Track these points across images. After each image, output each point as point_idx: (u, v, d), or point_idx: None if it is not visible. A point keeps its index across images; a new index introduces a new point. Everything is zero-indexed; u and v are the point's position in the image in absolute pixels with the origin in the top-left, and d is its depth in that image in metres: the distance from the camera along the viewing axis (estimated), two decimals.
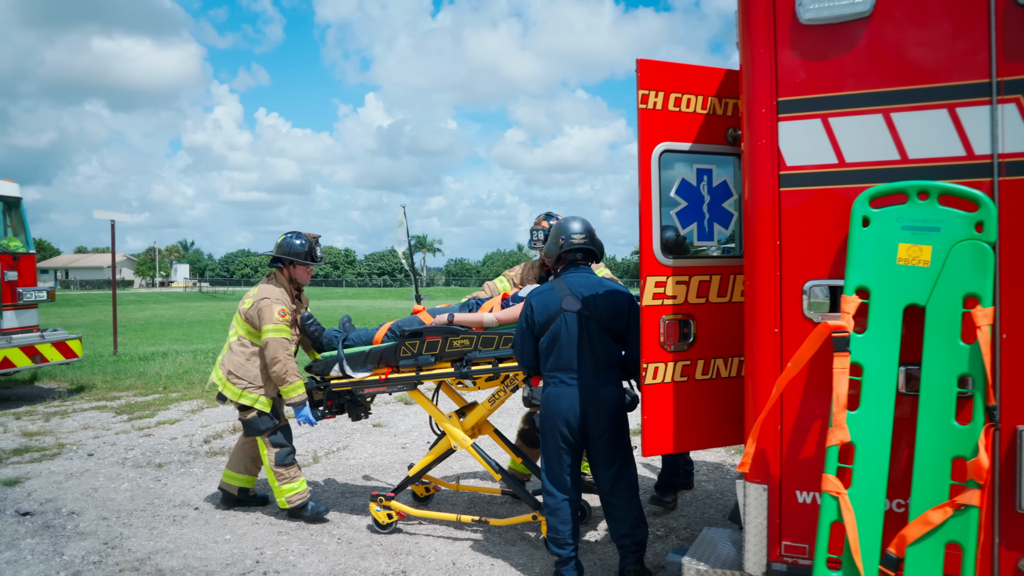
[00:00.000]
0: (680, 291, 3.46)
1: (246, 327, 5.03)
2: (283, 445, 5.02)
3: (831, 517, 2.62)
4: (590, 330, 3.81)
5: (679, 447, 3.50)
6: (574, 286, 3.89)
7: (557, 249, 3.98)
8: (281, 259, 5.10)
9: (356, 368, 4.72)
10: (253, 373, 4.97)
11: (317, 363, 4.87)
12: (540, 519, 4.40)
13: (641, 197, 3.38)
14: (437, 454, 4.84)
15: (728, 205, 3.59)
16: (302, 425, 4.96)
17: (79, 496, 5.59)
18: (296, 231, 5.19)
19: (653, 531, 4.78)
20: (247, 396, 4.94)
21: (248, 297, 5.09)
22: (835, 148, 2.88)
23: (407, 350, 4.60)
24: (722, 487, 5.71)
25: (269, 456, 4.99)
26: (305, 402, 4.88)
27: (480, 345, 4.51)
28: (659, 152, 3.41)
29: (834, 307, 2.87)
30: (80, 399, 9.69)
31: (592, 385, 3.79)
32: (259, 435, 5.00)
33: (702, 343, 3.51)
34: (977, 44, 2.66)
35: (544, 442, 3.92)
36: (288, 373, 4.84)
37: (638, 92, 3.37)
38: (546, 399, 3.87)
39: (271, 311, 4.88)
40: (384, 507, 4.75)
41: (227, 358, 5.06)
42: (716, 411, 3.57)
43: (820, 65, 2.90)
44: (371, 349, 4.71)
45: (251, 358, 5.00)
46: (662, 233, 3.41)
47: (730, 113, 3.57)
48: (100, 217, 13.08)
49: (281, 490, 4.97)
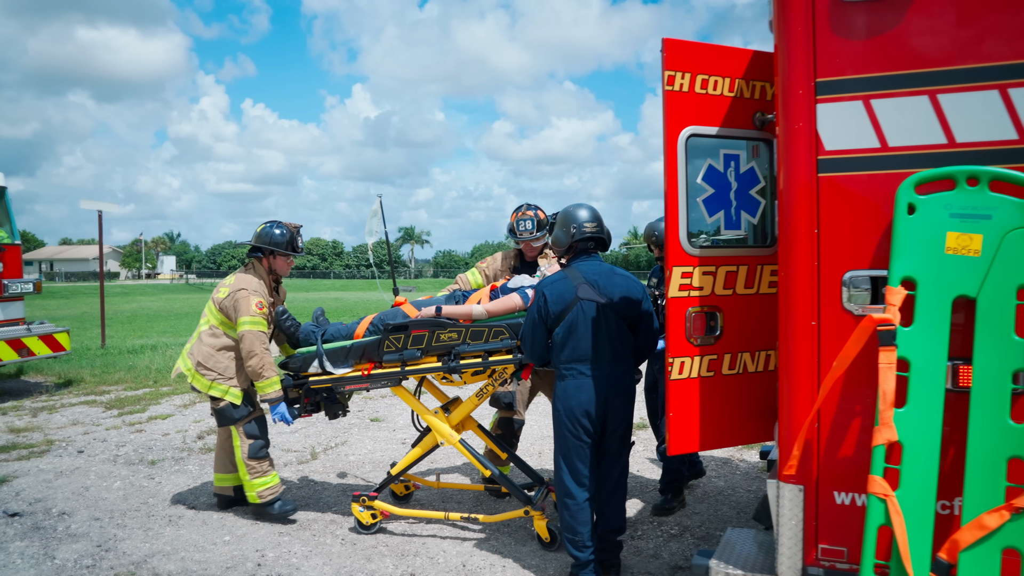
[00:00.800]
0: (707, 282, 3.31)
1: (219, 317, 4.79)
2: (257, 437, 4.81)
3: (878, 521, 2.49)
4: (608, 319, 3.72)
5: (705, 445, 3.36)
6: (588, 274, 3.79)
7: (568, 238, 3.86)
8: (261, 249, 4.87)
9: (337, 364, 4.53)
10: (223, 364, 4.76)
11: (294, 359, 4.67)
12: (532, 514, 4.31)
13: (667, 184, 3.22)
14: (421, 451, 4.67)
15: (755, 192, 3.43)
16: (277, 423, 4.73)
17: (70, 495, 5.39)
18: (277, 220, 4.97)
19: (666, 530, 4.65)
20: (217, 388, 4.75)
21: (224, 286, 4.83)
22: (877, 131, 2.73)
23: (391, 344, 4.43)
24: (732, 483, 5.59)
25: (242, 447, 4.78)
26: (281, 399, 4.66)
27: (469, 338, 4.35)
28: (686, 136, 3.25)
29: (875, 299, 2.73)
30: (68, 393, 9.45)
31: (611, 375, 3.71)
32: (234, 423, 4.79)
33: (729, 336, 3.37)
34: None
35: (562, 438, 3.77)
36: (265, 368, 4.62)
37: (664, 73, 3.21)
38: (564, 392, 3.74)
39: (248, 303, 4.65)
40: (367, 507, 4.58)
41: (196, 348, 4.82)
42: (742, 407, 3.43)
43: (861, 44, 2.74)
44: (352, 344, 4.52)
45: (222, 349, 4.78)
46: (688, 221, 3.26)
47: (757, 96, 3.41)
48: (88, 208, 12.78)
49: (253, 484, 4.76)
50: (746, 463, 6.10)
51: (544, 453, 6.50)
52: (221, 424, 4.88)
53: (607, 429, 3.77)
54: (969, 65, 2.61)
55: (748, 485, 5.52)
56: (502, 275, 5.28)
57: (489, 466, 4.53)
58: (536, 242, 5.17)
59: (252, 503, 4.80)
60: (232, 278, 4.86)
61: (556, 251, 3.97)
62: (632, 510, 5.01)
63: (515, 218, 5.13)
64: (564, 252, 3.94)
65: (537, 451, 6.62)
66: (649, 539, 4.51)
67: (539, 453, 6.55)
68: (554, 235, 3.94)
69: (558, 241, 3.91)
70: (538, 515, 4.31)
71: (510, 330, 4.30)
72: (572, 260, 3.92)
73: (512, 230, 5.13)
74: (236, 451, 4.82)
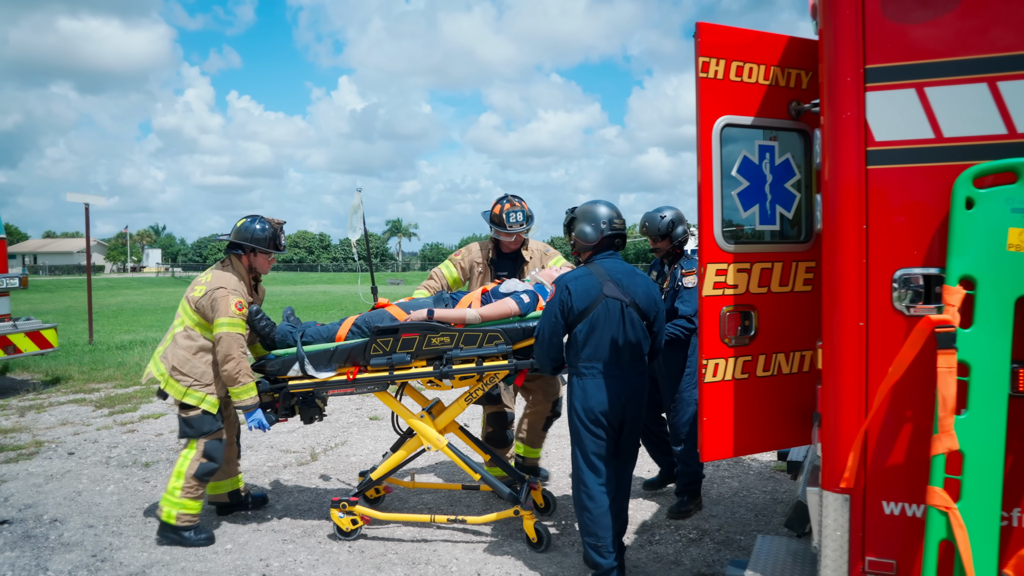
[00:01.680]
0: (741, 280, 3.15)
1: (195, 318, 4.44)
2: (214, 460, 4.43)
3: (939, 535, 2.34)
4: (631, 318, 3.65)
5: (739, 451, 3.21)
6: (612, 272, 3.71)
7: (599, 235, 3.76)
8: (241, 246, 4.53)
9: (319, 367, 4.31)
10: (200, 370, 4.40)
11: (272, 362, 4.40)
12: (523, 514, 4.25)
13: (701, 176, 3.05)
14: (404, 455, 4.52)
15: (791, 186, 3.27)
16: (253, 431, 4.45)
17: (61, 501, 5.17)
18: (258, 215, 4.62)
19: (685, 534, 4.51)
20: (192, 395, 4.37)
21: (200, 284, 4.47)
22: (932, 121, 2.57)
23: (378, 347, 4.24)
24: (747, 483, 5.46)
25: (192, 464, 4.37)
26: (257, 405, 4.38)
27: (462, 343, 4.20)
28: (720, 126, 3.08)
29: (928, 298, 2.58)
30: (56, 392, 9.19)
31: (630, 375, 3.66)
32: (200, 436, 4.40)
33: (763, 337, 3.21)
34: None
35: (581, 441, 3.64)
36: (241, 373, 4.30)
37: (698, 60, 3.03)
38: (583, 391, 3.63)
39: (227, 303, 4.31)
40: (347, 512, 4.39)
41: (170, 351, 4.46)
42: (776, 410, 3.28)
43: (915, 27, 2.58)
44: (337, 347, 4.31)
45: (198, 352, 4.43)
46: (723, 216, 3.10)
47: (792, 84, 3.24)
48: (74, 200, 12.45)
49: (180, 503, 4.35)
50: (758, 463, 5.97)
51: (550, 453, 6.34)
52: (185, 435, 4.44)
53: (624, 431, 3.70)
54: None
55: (763, 486, 5.39)
56: (479, 267, 5.14)
57: (479, 470, 4.40)
58: (522, 235, 5.07)
59: (164, 520, 4.37)
60: (209, 275, 4.51)
61: (581, 247, 3.83)
62: (647, 513, 4.87)
63: (503, 209, 4.97)
64: (587, 249, 3.82)
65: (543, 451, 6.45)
66: (668, 544, 4.37)
67: (545, 453, 6.39)
68: (579, 231, 3.79)
69: (586, 237, 3.77)
70: (527, 514, 4.24)
71: (505, 335, 4.20)
72: (594, 257, 3.80)
73: (499, 221, 4.97)
74: (180, 464, 4.41)
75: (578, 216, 3.84)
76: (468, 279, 5.24)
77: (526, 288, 4.44)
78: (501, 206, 4.99)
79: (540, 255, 5.25)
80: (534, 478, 4.80)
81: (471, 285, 5.21)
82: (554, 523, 4.68)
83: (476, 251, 5.23)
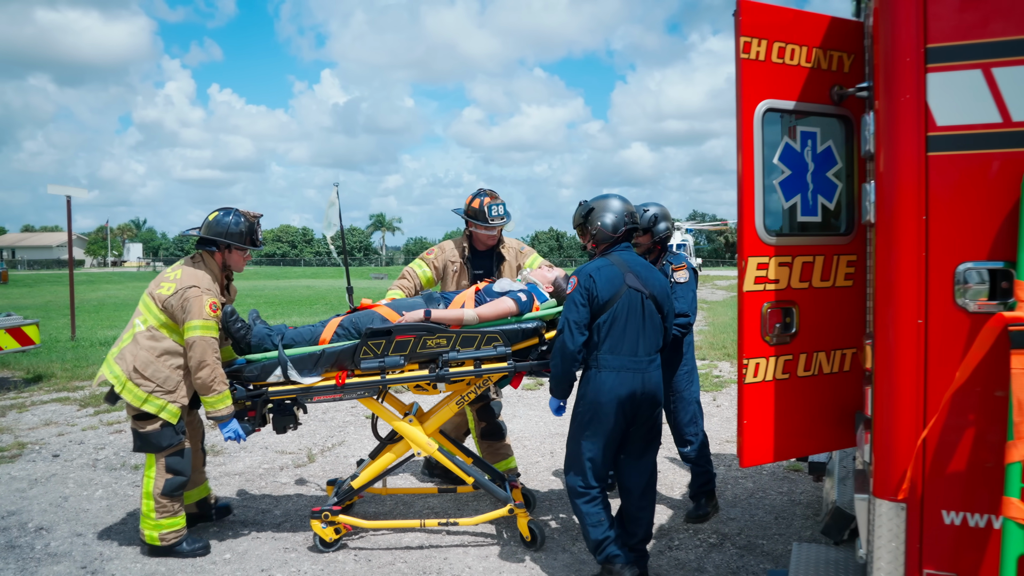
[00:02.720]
0: (783, 274, 2.97)
1: (162, 318, 4.01)
2: (180, 473, 4.04)
3: (1018, 550, 2.18)
4: (649, 310, 3.62)
5: (779, 455, 3.03)
6: (631, 264, 3.65)
7: (622, 225, 3.71)
8: (215, 241, 4.13)
9: (304, 372, 4.03)
10: (163, 374, 3.97)
11: (251, 367, 4.06)
12: (517, 512, 4.14)
13: (742, 164, 2.87)
14: (391, 461, 4.28)
15: (832, 175, 3.10)
16: (228, 443, 4.16)
17: (47, 507, 4.91)
18: (233, 208, 4.21)
19: (704, 538, 4.34)
20: (153, 402, 3.93)
21: (168, 281, 4.04)
22: (999, 104, 2.40)
23: (370, 350, 4.00)
24: (761, 484, 5.30)
25: (156, 482, 4.00)
26: (233, 415, 4.00)
27: (459, 345, 4.02)
28: (762, 110, 2.89)
29: (993, 294, 2.41)
30: (39, 390, 8.87)
31: (647, 368, 3.61)
32: (159, 451, 4.00)
33: (805, 334, 3.03)
34: None
35: (592, 433, 3.59)
36: (216, 380, 3.92)
37: (739, 40, 2.84)
38: (599, 385, 3.54)
39: (200, 303, 3.91)
40: (330, 523, 4.13)
41: (130, 351, 4.01)
42: (816, 412, 3.11)
43: (981, 4, 2.41)
44: (324, 350, 4.03)
45: (163, 356, 4.00)
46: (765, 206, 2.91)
47: (834, 68, 3.06)
48: (55, 192, 12.07)
49: (158, 524, 4.01)
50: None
51: (556, 452, 6.16)
52: (142, 449, 4.03)
53: (636, 425, 3.65)
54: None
55: (778, 487, 5.24)
56: (454, 266, 4.93)
57: (472, 473, 4.22)
58: (501, 229, 4.92)
59: (150, 544, 4.03)
60: (178, 272, 4.08)
61: (603, 238, 3.70)
62: (662, 516, 4.70)
63: (484, 202, 4.78)
64: (608, 240, 3.72)
65: (548, 450, 6.28)
66: (688, 549, 4.20)
67: (551, 452, 6.21)
68: (602, 223, 3.68)
69: (609, 228, 3.69)
70: (521, 513, 4.14)
71: (504, 336, 4.05)
72: (610, 249, 3.72)
73: (479, 215, 4.78)
74: (145, 484, 4.03)
75: (597, 209, 3.75)
76: (441, 279, 5.01)
77: (520, 287, 4.29)
78: (480, 200, 4.80)
79: (515, 252, 5.09)
80: (513, 476, 4.68)
81: (445, 285, 4.99)
82: (553, 519, 4.49)
83: (450, 249, 4.99)
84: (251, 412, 4.11)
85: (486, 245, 4.96)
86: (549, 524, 4.57)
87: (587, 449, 3.60)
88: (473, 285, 4.60)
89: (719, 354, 11.42)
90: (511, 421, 7.25)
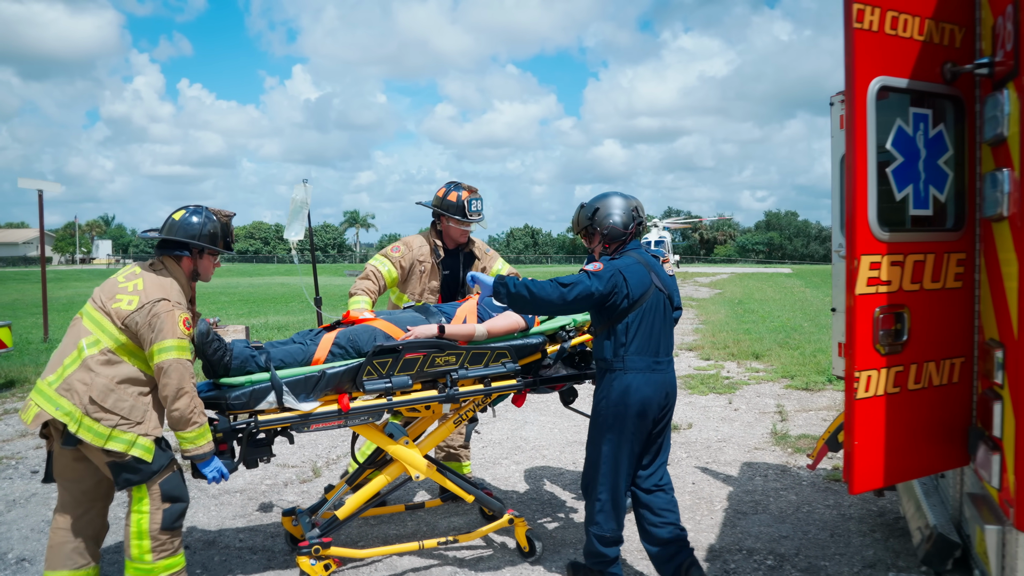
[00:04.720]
0: (895, 275, 2.63)
1: (121, 338, 3.22)
2: (179, 499, 3.32)
3: None
4: (668, 310, 3.58)
5: (889, 479, 2.69)
6: (650, 263, 3.59)
7: (633, 223, 3.64)
8: (186, 244, 3.43)
9: (300, 397, 3.51)
10: (127, 403, 3.19)
11: (238, 393, 3.43)
12: (516, 522, 4.01)
13: (855, 150, 2.51)
14: (383, 484, 3.79)
15: (943, 163, 2.76)
16: (211, 484, 3.54)
17: (28, 533, 4.42)
18: (202, 206, 3.52)
19: (761, 560, 4.00)
20: (118, 438, 3.14)
21: (126, 293, 3.27)
22: None
23: (374, 370, 3.57)
24: (804, 497, 4.98)
25: (153, 517, 3.23)
26: (213, 452, 3.33)
27: (468, 362, 3.74)
28: (876, 88, 2.54)
29: None
30: (12, 397, 8.28)
31: (667, 370, 3.55)
32: (147, 480, 3.24)
33: (915, 342, 2.69)
34: None
35: (616, 438, 3.44)
36: (196, 412, 3.23)
37: (851, 7, 2.48)
38: (626, 387, 3.40)
39: (172, 320, 3.20)
40: (320, 558, 3.57)
41: (79, 380, 3.16)
42: (925, 429, 2.77)
43: None
44: (324, 371, 3.54)
45: (124, 383, 3.21)
46: (878, 197, 2.56)
47: (946, 42, 2.72)
48: (26, 186, 11.42)
49: (156, 567, 3.24)
50: (805, 470, 5.51)
51: (578, 461, 5.78)
52: (127, 484, 3.23)
53: (656, 427, 3.55)
54: None
55: (824, 499, 4.92)
56: (421, 265, 4.57)
57: (472, 492, 3.95)
58: (477, 227, 4.60)
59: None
60: (139, 282, 3.31)
61: (614, 236, 3.62)
62: (710, 535, 4.35)
63: (462, 196, 4.45)
64: (619, 239, 3.64)
65: (571, 459, 5.91)
66: (745, 573, 3.85)
67: (573, 462, 5.84)
68: (612, 223, 3.60)
69: (620, 227, 3.61)
70: (520, 522, 4.00)
71: (513, 351, 3.82)
72: (626, 248, 3.64)
73: (458, 209, 4.44)
74: (137, 519, 3.25)
75: (603, 208, 3.65)
76: (407, 279, 4.60)
77: None
78: (458, 194, 4.45)
79: (483, 253, 4.77)
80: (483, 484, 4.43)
81: (410, 285, 4.60)
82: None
83: (419, 247, 4.58)
84: (223, 446, 3.47)
85: (456, 243, 4.62)
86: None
87: (612, 459, 3.46)
88: (467, 297, 4.31)
89: (723, 354, 11.14)
90: (523, 428, 6.87)
